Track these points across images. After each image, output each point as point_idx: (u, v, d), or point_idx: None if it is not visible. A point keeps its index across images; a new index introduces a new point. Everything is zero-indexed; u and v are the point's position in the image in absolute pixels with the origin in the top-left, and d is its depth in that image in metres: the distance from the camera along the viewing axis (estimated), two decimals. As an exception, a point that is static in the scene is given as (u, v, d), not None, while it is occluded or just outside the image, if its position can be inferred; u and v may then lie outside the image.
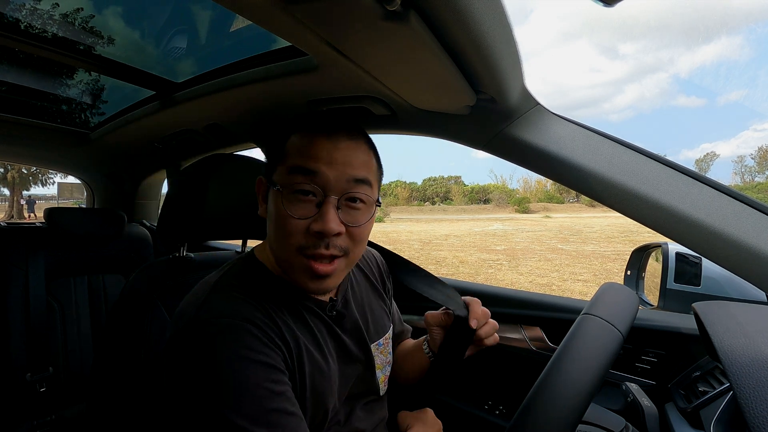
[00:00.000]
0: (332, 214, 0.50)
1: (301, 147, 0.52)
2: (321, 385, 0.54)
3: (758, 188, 31.31)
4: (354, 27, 0.48)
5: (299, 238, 0.50)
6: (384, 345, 0.69)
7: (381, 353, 0.67)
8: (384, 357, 0.68)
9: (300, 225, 0.50)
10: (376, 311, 0.69)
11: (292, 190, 0.50)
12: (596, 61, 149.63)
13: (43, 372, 1.19)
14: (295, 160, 0.51)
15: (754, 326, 0.48)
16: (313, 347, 0.55)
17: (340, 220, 0.51)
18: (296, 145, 0.53)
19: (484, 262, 8.21)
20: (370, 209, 0.54)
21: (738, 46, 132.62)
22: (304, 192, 0.50)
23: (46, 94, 1.31)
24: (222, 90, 0.89)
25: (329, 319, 0.59)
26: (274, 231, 0.53)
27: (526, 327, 1.05)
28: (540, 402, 0.47)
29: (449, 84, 0.62)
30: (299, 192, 0.50)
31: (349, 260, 0.55)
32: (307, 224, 0.50)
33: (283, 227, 0.51)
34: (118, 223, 1.40)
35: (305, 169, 0.50)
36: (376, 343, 0.66)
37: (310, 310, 0.57)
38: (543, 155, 0.72)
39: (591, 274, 6.91)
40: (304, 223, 0.50)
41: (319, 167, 0.50)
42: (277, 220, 0.52)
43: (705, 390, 0.68)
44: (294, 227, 0.50)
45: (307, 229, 0.50)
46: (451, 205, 35.04)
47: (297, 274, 0.53)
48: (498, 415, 1.06)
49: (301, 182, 0.50)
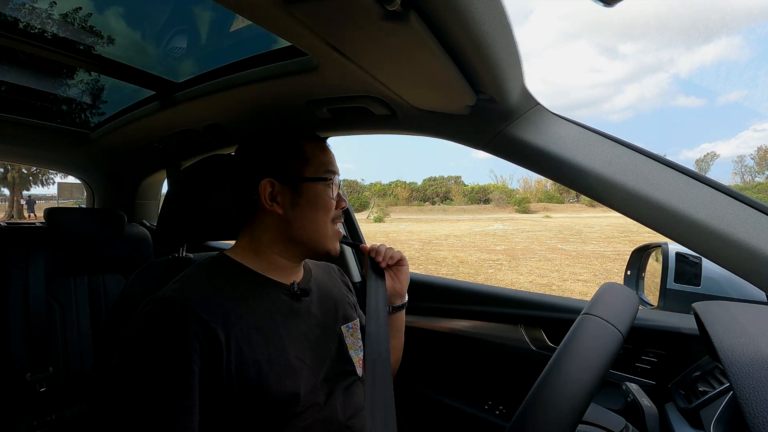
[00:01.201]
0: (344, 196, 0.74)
1: (321, 154, 0.72)
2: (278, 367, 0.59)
3: (758, 188, 31.29)
4: (354, 27, 0.48)
5: (334, 212, 0.71)
6: (353, 329, 0.76)
7: (351, 336, 0.75)
8: (354, 340, 0.75)
9: (333, 203, 0.71)
10: (340, 300, 0.79)
11: (329, 184, 0.70)
12: (596, 62, 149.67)
13: (43, 372, 1.19)
14: (324, 164, 0.71)
15: (755, 326, 0.48)
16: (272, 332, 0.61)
17: None
18: (316, 152, 0.71)
19: (484, 262, 8.21)
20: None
21: (738, 47, 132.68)
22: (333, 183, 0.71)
23: (46, 94, 1.31)
24: (222, 90, 0.89)
25: (294, 299, 0.69)
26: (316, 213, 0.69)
27: (526, 327, 1.05)
28: (540, 402, 0.47)
29: (449, 84, 0.62)
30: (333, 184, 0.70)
31: None
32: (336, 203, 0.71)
33: (327, 206, 0.69)
34: (118, 223, 1.40)
35: (331, 170, 0.71)
36: (345, 326, 0.75)
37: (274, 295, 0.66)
38: (543, 155, 0.72)
39: (591, 274, 6.91)
40: (334, 202, 0.71)
41: (335, 169, 0.73)
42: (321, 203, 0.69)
43: (705, 390, 0.68)
44: (332, 205, 0.70)
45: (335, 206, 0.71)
46: (451, 205, 35.03)
47: (330, 241, 0.71)
48: (498, 415, 1.06)
49: (331, 178, 0.70)
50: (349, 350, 0.73)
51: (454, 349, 1.18)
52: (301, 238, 0.69)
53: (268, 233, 0.69)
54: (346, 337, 0.74)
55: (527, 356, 1.04)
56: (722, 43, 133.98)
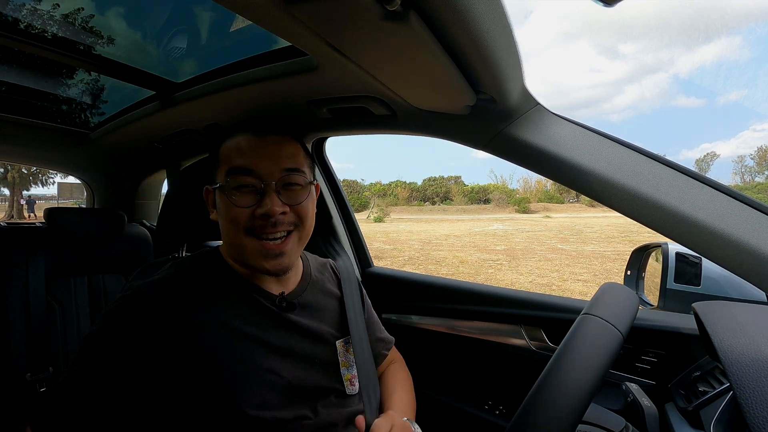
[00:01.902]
0: (273, 198, 0.59)
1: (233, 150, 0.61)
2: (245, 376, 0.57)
3: (758, 188, 31.29)
4: (354, 27, 0.48)
5: (246, 222, 0.59)
6: (350, 344, 0.71)
7: (347, 352, 0.70)
8: (350, 356, 0.70)
9: (245, 212, 0.59)
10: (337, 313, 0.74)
11: (233, 185, 0.59)
12: (596, 62, 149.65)
13: (43, 372, 1.19)
14: (230, 162, 0.60)
15: (755, 326, 0.48)
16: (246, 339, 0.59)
17: (282, 201, 0.60)
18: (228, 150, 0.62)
19: (484, 262, 8.21)
20: (307, 189, 0.64)
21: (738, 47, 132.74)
22: (244, 185, 0.59)
23: (46, 94, 1.31)
24: (222, 90, 0.89)
25: (279, 311, 0.64)
26: (225, 224, 0.61)
27: (526, 327, 1.05)
28: (540, 402, 0.47)
29: (449, 84, 0.62)
30: (240, 186, 0.59)
31: (301, 235, 0.64)
32: (252, 210, 0.59)
33: (231, 216, 0.59)
34: (118, 223, 1.40)
35: (241, 168, 0.59)
36: (341, 341, 0.70)
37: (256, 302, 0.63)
38: (543, 155, 0.72)
39: (591, 274, 6.91)
40: (248, 210, 0.59)
41: (251, 163, 0.59)
42: (225, 213, 0.60)
43: (705, 390, 0.68)
44: (240, 214, 0.59)
45: (252, 215, 0.59)
46: (451, 205, 35.02)
47: (252, 257, 0.60)
48: (498, 415, 1.06)
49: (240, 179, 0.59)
50: (341, 367, 0.68)
51: (454, 349, 1.18)
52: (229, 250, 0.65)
53: None
54: (339, 353, 0.69)
55: (527, 356, 1.04)
56: (722, 43, 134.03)
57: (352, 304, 0.77)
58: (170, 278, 0.61)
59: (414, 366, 0.94)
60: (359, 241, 1.46)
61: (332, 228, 1.38)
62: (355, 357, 0.71)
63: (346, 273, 0.82)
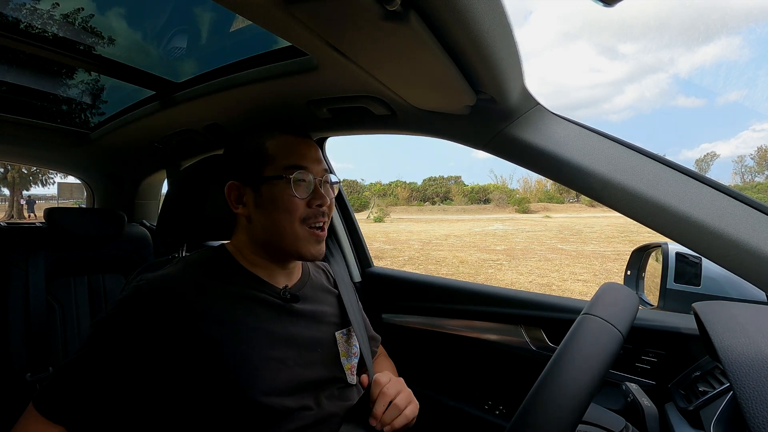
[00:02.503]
0: (327, 190, 0.70)
1: (287, 148, 0.68)
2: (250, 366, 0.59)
3: (758, 188, 31.28)
4: (354, 27, 0.48)
5: (303, 212, 0.66)
6: (347, 335, 0.75)
7: (345, 342, 0.74)
8: (348, 347, 0.74)
9: (302, 203, 0.66)
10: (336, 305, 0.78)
11: (293, 179, 0.65)
12: (596, 62, 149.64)
13: (43, 372, 1.19)
14: (287, 159, 0.66)
15: (755, 326, 0.48)
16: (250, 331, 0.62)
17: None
18: (280, 148, 0.67)
19: (484, 262, 8.21)
20: (335, 187, 0.75)
21: (737, 47, 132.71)
22: (302, 180, 0.66)
23: (46, 94, 1.31)
24: (222, 90, 0.89)
25: (283, 303, 0.68)
26: (277, 214, 0.65)
27: (526, 327, 1.05)
28: (540, 402, 0.47)
29: (449, 84, 0.62)
30: (299, 180, 0.65)
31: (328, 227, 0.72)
32: (307, 201, 0.66)
33: (290, 206, 0.65)
34: (118, 223, 1.40)
35: (299, 165, 0.66)
36: (339, 332, 0.74)
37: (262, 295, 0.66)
38: (543, 155, 0.72)
39: (591, 274, 6.91)
40: (305, 201, 0.66)
41: (306, 162, 0.67)
42: (282, 203, 0.65)
43: (705, 390, 0.68)
44: (299, 204, 0.65)
45: (308, 205, 0.66)
46: (451, 205, 35.00)
47: (302, 244, 0.66)
48: (498, 415, 1.06)
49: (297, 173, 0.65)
50: (341, 357, 0.71)
51: (455, 349, 1.18)
52: (267, 240, 0.67)
53: (244, 234, 0.70)
54: (339, 343, 0.72)
55: (527, 356, 1.04)
56: (722, 44, 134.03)
57: (349, 301, 0.81)
58: (180, 272, 0.64)
59: (414, 366, 0.94)
60: (359, 241, 1.46)
61: (332, 228, 1.38)
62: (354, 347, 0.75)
63: (341, 275, 0.87)
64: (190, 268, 0.65)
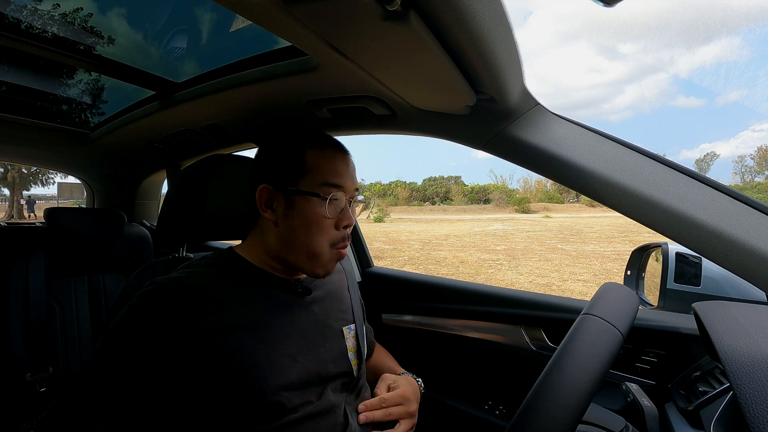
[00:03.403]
0: (354, 212, 0.69)
1: (326, 164, 0.65)
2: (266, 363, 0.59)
3: (758, 188, 31.28)
4: (354, 27, 0.48)
5: (332, 234, 0.65)
6: (354, 331, 0.75)
7: (352, 338, 0.74)
8: (354, 342, 0.74)
9: (330, 223, 0.64)
10: (344, 300, 0.78)
11: (329, 199, 0.63)
12: (596, 62, 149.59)
13: (43, 372, 1.19)
14: (325, 176, 0.64)
15: (755, 326, 0.48)
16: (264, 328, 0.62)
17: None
18: (320, 162, 0.65)
19: (484, 262, 8.21)
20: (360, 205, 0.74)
21: (737, 47, 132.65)
22: (336, 200, 0.64)
23: (46, 94, 1.31)
24: (222, 90, 0.89)
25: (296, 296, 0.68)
26: (306, 232, 0.64)
27: (526, 327, 1.05)
28: (540, 402, 0.47)
29: (449, 84, 0.62)
30: (334, 200, 0.64)
31: None
32: (334, 222, 0.65)
33: (320, 225, 0.64)
34: (118, 223, 1.40)
35: (336, 184, 0.64)
36: (347, 327, 0.74)
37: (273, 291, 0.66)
38: (543, 155, 0.72)
39: (591, 274, 6.91)
40: (333, 221, 0.65)
41: (343, 182, 0.65)
42: (312, 221, 0.64)
43: (705, 390, 0.68)
44: (328, 225, 0.64)
45: (335, 226, 0.65)
46: (452, 205, 35.01)
47: (326, 264, 0.66)
48: (498, 415, 1.06)
49: (333, 193, 0.64)
50: (349, 352, 0.72)
51: (455, 349, 1.18)
52: (289, 251, 0.66)
53: (266, 237, 0.68)
54: (347, 338, 0.73)
55: (527, 356, 1.04)
56: (722, 44, 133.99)
57: (356, 297, 0.82)
58: (189, 275, 0.63)
59: (414, 366, 0.94)
60: (359, 241, 1.46)
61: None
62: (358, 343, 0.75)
63: (350, 268, 0.88)
64: (198, 272, 0.64)
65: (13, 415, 1.16)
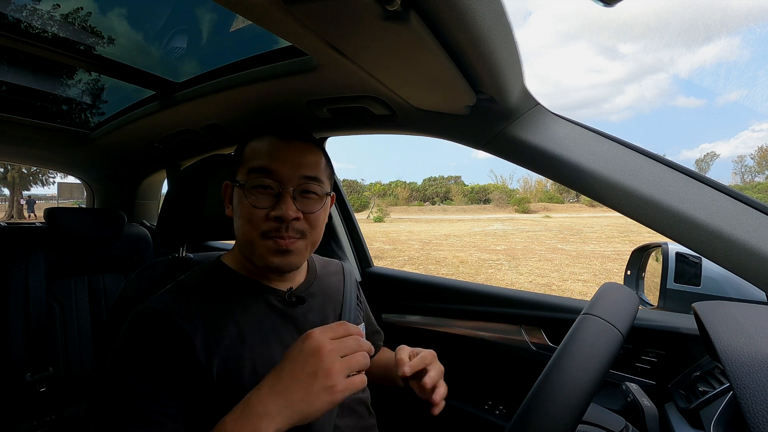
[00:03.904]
0: (289, 203, 0.60)
1: (258, 151, 0.61)
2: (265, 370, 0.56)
3: (758, 188, 31.29)
4: (354, 27, 0.48)
5: (261, 224, 0.59)
6: None
7: None
8: None
9: (261, 213, 0.59)
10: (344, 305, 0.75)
11: (253, 185, 0.59)
12: (596, 62, 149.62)
13: (43, 372, 1.19)
14: (253, 162, 0.60)
15: (755, 326, 0.48)
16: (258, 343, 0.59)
17: (297, 208, 0.60)
18: (254, 150, 0.62)
19: (484, 262, 8.21)
20: (322, 200, 0.65)
21: (737, 47, 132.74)
22: (263, 186, 0.59)
23: (46, 94, 1.31)
24: (222, 90, 0.89)
25: (289, 307, 0.65)
26: (240, 222, 0.61)
27: (526, 327, 1.05)
28: (540, 402, 0.47)
29: (449, 84, 0.62)
30: (259, 186, 0.59)
31: (308, 242, 0.64)
32: (267, 212, 0.59)
33: (247, 216, 0.59)
34: (118, 223, 1.40)
35: (262, 168, 0.59)
36: None
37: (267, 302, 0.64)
38: (543, 155, 0.72)
39: (591, 274, 6.91)
40: (264, 211, 0.59)
41: (275, 167, 0.60)
42: (241, 211, 0.60)
43: (705, 390, 0.68)
44: (256, 215, 0.59)
45: (267, 216, 0.59)
46: (452, 205, 35.02)
47: (263, 255, 0.60)
48: (498, 415, 1.06)
49: (260, 179, 0.59)
50: None
51: (455, 349, 1.18)
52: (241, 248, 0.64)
53: None
54: None
55: (527, 356, 1.04)
56: (722, 44, 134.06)
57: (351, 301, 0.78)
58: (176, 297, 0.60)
59: (414, 366, 0.94)
60: (359, 241, 1.46)
61: (332, 228, 1.38)
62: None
63: (348, 271, 0.85)
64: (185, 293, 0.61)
65: (13, 415, 1.16)
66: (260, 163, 0.60)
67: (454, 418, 1.10)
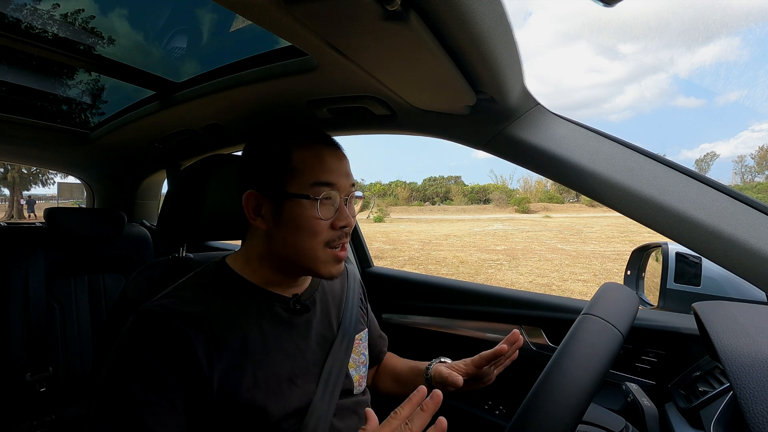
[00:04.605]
0: (348, 211, 0.63)
1: (315, 162, 0.61)
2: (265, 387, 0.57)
3: (758, 188, 31.28)
4: (354, 27, 0.48)
5: (327, 235, 0.61)
6: (356, 345, 0.72)
7: (354, 353, 0.70)
8: (357, 357, 0.71)
9: (325, 224, 0.60)
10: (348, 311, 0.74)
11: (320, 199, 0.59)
12: (596, 62, 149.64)
13: (43, 372, 1.19)
14: (315, 176, 0.60)
15: (755, 326, 0.48)
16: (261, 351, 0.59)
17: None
18: (308, 161, 0.60)
19: (484, 262, 8.21)
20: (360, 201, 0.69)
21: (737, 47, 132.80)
22: (328, 198, 0.60)
23: (46, 94, 1.31)
24: (222, 90, 0.89)
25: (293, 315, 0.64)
26: (302, 236, 0.60)
27: (526, 327, 1.05)
28: (540, 402, 0.47)
29: (449, 84, 0.62)
30: (326, 199, 0.60)
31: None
32: (330, 222, 0.61)
33: (313, 228, 0.59)
34: (118, 223, 1.40)
35: (327, 182, 0.60)
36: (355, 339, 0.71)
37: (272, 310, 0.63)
38: (543, 155, 0.72)
39: (591, 274, 6.91)
40: (328, 222, 0.60)
41: (336, 179, 0.61)
42: (302, 224, 0.59)
43: (705, 390, 0.68)
44: (323, 227, 0.60)
45: (331, 225, 0.61)
46: (452, 205, 35.01)
47: (322, 265, 0.62)
48: (498, 415, 1.06)
49: (325, 192, 0.60)
50: (350, 368, 0.68)
51: (454, 349, 1.18)
52: (285, 258, 0.62)
53: (259, 246, 0.64)
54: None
55: (527, 356, 1.04)
56: (722, 44, 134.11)
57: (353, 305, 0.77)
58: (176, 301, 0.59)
59: (414, 366, 0.94)
60: (359, 241, 1.46)
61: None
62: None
63: (352, 274, 0.84)
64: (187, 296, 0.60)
65: (13, 415, 1.16)
66: (326, 178, 0.60)
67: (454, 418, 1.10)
